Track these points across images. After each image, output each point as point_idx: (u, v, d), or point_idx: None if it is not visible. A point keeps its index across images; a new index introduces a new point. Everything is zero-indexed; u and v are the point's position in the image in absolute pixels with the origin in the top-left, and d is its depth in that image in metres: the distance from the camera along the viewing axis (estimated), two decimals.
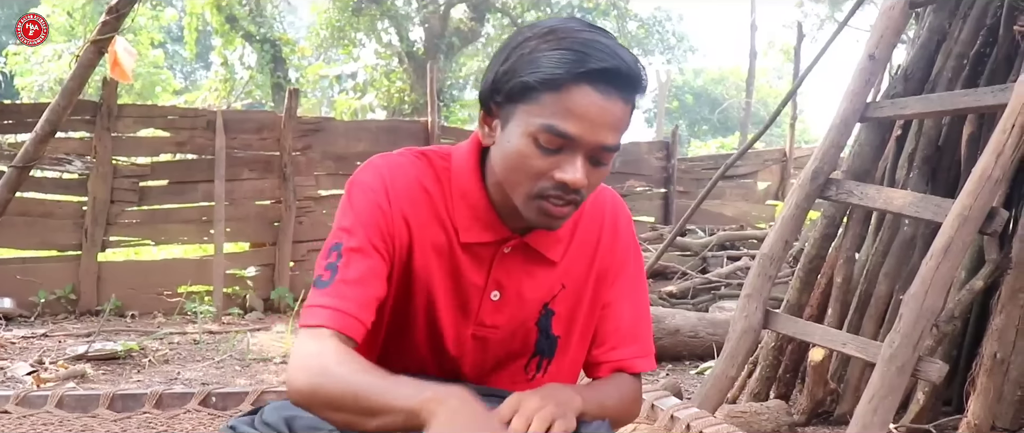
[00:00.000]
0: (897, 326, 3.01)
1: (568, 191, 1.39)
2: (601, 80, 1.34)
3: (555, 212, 1.41)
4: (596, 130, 1.35)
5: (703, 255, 8.51)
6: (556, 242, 1.57)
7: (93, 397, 2.43)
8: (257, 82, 19.17)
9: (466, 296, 1.55)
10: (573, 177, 1.37)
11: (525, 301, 1.57)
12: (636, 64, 1.38)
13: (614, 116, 1.37)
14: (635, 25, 24.41)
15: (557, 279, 1.59)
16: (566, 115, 1.34)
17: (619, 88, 1.36)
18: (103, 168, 7.32)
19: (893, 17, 3.65)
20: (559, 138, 1.35)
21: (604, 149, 1.38)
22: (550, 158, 1.37)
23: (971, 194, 2.99)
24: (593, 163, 1.40)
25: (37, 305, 7.04)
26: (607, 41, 1.38)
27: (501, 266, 1.54)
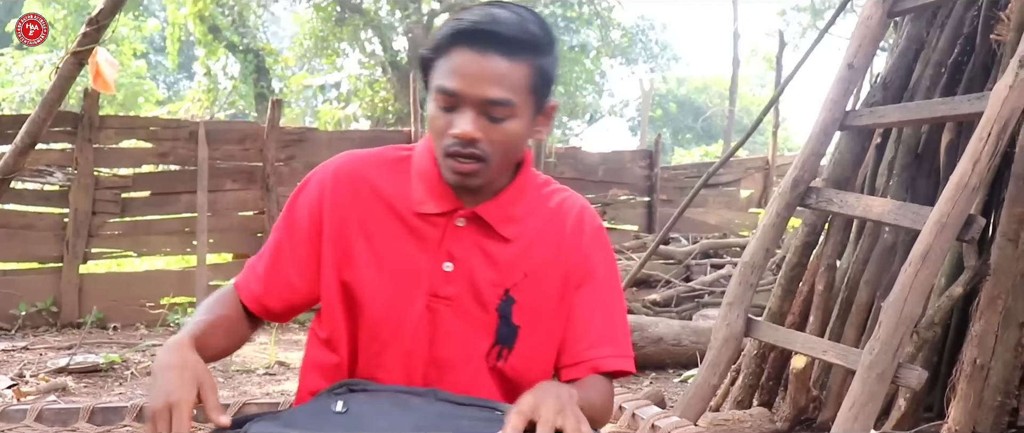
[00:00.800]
0: (877, 333, 3.02)
1: (464, 145, 1.50)
2: (477, 40, 1.48)
3: (458, 168, 1.53)
4: (476, 84, 1.48)
5: (686, 263, 8.53)
6: (509, 220, 1.64)
7: (73, 411, 2.41)
8: (240, 92, 19.13)
9: (419, 267, 1.62)
10: (461, 129, 1.49)
11: (480, 279, 1.62)
12: (521, 25, 1.51)
13: (493, 71, 1.48)
14: (618, 34, 24.46)
15: (517, 265, 1.63)
16: (450, 74, 1.49)
17: (496, 45, 1.48)
18: (85, 179, 7.29)
19: (871, 26, 3.67)
20: (447, 96, 1.50)
21: (491, 103, 1.49)
22: (447, 116, 1.51)
23: (949, 201, 3.00)
24: (490, 120, 1.51)
25: (18, 318, 7.00)
26: (496, 9, 1.52)
27: (453, 238, 1.62)
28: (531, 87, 1.52)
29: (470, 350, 1.63)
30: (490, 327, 1.63)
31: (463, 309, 1.62)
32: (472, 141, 1.50)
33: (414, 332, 1.62)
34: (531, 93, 1.53)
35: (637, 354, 5.64)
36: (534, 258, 1.64)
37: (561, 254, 1.66)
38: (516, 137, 1.55)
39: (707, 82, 37.93)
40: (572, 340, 1.67)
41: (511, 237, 1.63)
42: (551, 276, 1.65)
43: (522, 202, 1.65)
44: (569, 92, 22.84)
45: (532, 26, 1.52)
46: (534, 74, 1.52)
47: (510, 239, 1.63)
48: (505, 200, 1.64)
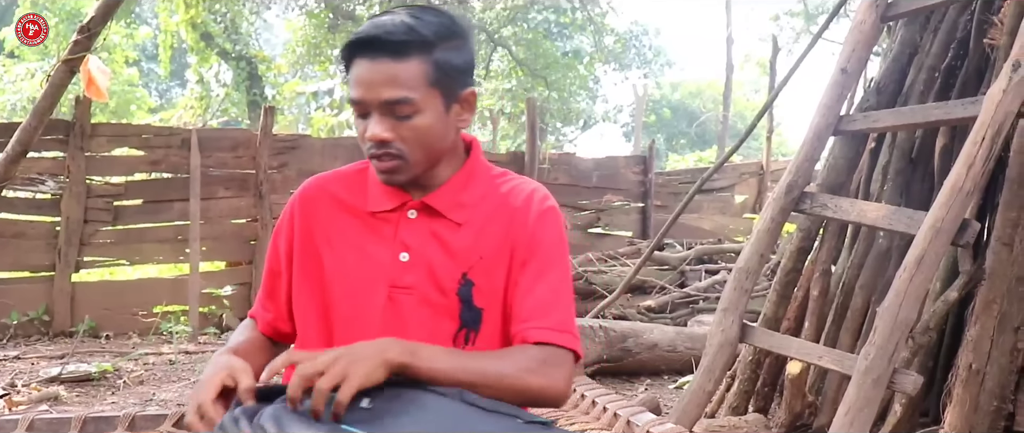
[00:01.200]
0: (872, 338, 3.01)
1: (378, 146, 1.63)
2: (367, 48, 1.60)
3: (379, 166, 1.66)
4: (371, 89, 1.60)
5: (681, 269, 8.51)
6: (458, 206, 1.73)
7: (65, 420, 2.39)
8: (233, 100, 19.10)
9: (378, 261, 1.71)
10: (371, 133, 1.62)
11: (438, 266, 1.69)
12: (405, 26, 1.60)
13: (383, 74, 1.59)
14: (612, 39, 24.47)
15: (472, 249, 1.70)
16: (353, 85, 1.62)
17: (380, 50, 1.58)
18: (76, 188, 7.27)
19: (865, 31, 3.67)
20: (356, 104, 1.63)
21: (390, 103, 1.59)
22: (363, 123, 1.64)
23: (943, 206, 3.00)
24: (397, 119, 1.61)
25: (9, 327, 6.97)
26: (385, 16, 1.64)
27: (407, 230, 1.71)
28: (430, 81, 1.61)
29: (436, 336, 1.67)
30: (453, 312, 1.69)
31: (424, 296, 1.69)
32: (383, 142, 1.62)
33: (381, 324, 1.68)
34: (432, 86, 1.62)
35: (632, 360, 5.65)
36: (487, 241, 1.71)
37: (510, 233, 1.72)
38: (427, 130, 1.64)
39: (701, 87, 37.99)
40: (514, 314, 1.70)
41: (462, 221, 1.71)
42: (503, 256, 1.72)
43: (471, 188, 1.75)
44: (563, 98, 22.84)
45: (418, 24, 1.61)
46: (430, 68, 1.61)
47: (461, 224, 1.71)
48: (453, 187, 1.73)
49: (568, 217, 10.12)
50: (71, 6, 18.63)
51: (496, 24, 21.95)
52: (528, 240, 1.72)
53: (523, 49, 22.20)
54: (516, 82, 21.91)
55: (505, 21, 22.11)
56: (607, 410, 2.38)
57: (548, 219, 1.75)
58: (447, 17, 1.67)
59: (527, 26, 23.16)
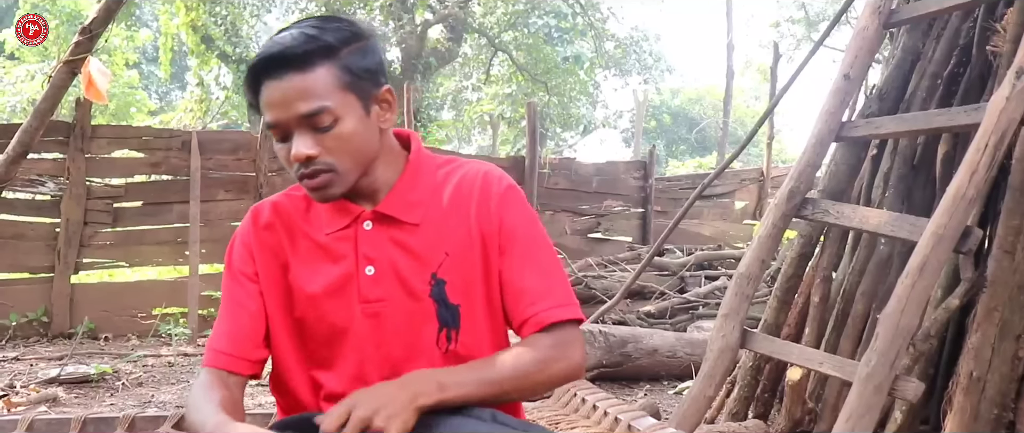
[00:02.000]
0: (873, 345, 3.00)
1: (306, 165, 1.57)
2: (268, 71, 1.55)
3: (311, 185, 1.61)
4: (286, 108, 1.55)
5: (681, 275, 8.51)
6: (410, 206, 1.69)
7: (64, 421, 2.39)
8: (233, 102, 19.11)
9: (345, 281, 1.67)
10: (296, 152, 1.56)
11: (405, 273, 1.66)
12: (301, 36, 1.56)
13: (294, 90, 1.54)
14: (612, 45, 24.48)
15: (436, 247, 1.68)
16: (265, 110, 1.58)
17: (286, 66, 1.54)
18: (76, 189, 7.28)
19: (867, 37, 3.67)
20: (274, 128, 1.59)
21: (306, 117, 1.55)
22: (286, 146, 1.59)
23: (945, 213, 2.99)
24: (318, 131, 1.56)
25: (8, 328, 6.97)
26: (279, 35, 1.59)
27: (366, 242, 1.68)
28: (342, 86, 1.57)
29: (418, 342, 1.67)
30: (430, 315, 1.68)
31: (399, 306, 1.67)
32: (309, 158, 1.57)
33: (360, 341, 1.67)
34: (346, 91, 1.58)
35: (632, 365, 5.65)
36: (451, 235, 1.69)
37: (475, 223, 1.70)
38: (351, 136, 1.59)
39: (701, 93, 38.05)
40: (513, 302, 1.69)
41: (419, 221, 1.69)
42: (471, 248, 1.69)
43: (420, 186, 1.71)
44: (563, 103, 22.86)
45: (318, 33, 1.57)
46: (339, 73, 1.57)
47: (419, 223, 1.68)
48: (401, 189, 1.70)
49: (568, 222, 10.13)
50: (71, 8, 18.65)
51: (497, 29, 21.97)
52: (500, 226, 1.71)
53: (523, 54, 22.23)
54: (516, 87, 21.94)
55: (506, 26, 22.14)
56: (608, 414, 2.38)
57: (512, 199, 1.74)
58: (346, 22, 1.64)
59: (528, 31, 23.18)
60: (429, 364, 1.65)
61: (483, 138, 28.58)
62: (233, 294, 1.74)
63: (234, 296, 1.74)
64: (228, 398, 1.61)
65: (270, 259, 1.73)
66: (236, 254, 1.77)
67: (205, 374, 1.68)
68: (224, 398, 1.60)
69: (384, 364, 1.67)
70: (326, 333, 1.69)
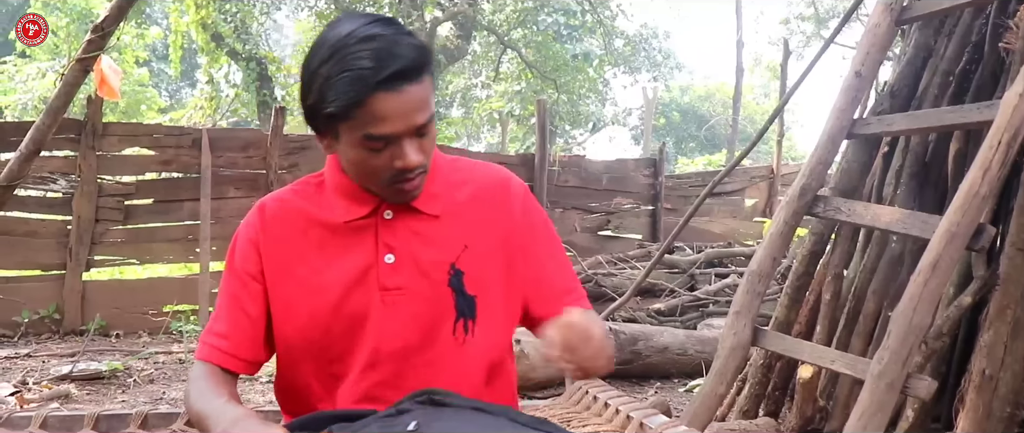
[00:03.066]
0: (886, 343, 2.99)
1: (411, 171, 1.60)
2: (392, 82, 1.51)
3: (409, 188, 1.64)
4: (406, 120, 1.55)
5: (691, 272, 8.51)
6: (431, 198, 1.73)
7: (77, 417, 2.40)
8: (243, 100, 19.12)
9: (364, 268, 1.69)
10: (406, 162, 1.58)
11: (424, 262, 1.70)
12: (416, 51, 1.55)
13: (415, 101, 1.55)
14: (621, 42, 24.46)
15: (455, 239, 1.72)
16: (376, 122, 1.54)
17: (409, 78, 1.53)
18: (88, 187, 7.29)
19: (879, 34, 3.66)
20: (380, 140, 1.56)
21: (421, 126, 1.58)
22: (382, 155, 1.58)
23: (958, 210, 2.98)
24: (421, 137, 1.60)
25: (20, 325, 6.99)
26: (384, 43, 1.53)
27: (387, 231, 1.70)
28: (432, 90, 1.62)
29: (435, 331, 1.70)
30: (448, 304, 1.71)
31: (417, 293, 1.69)
32: (420, 165, 1.61)
33: (377, 329, 1.68)
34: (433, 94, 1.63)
35: (642, 363, 5.64)
36: (470, 229, 1.74)
37: (497, 221, 1.76)
38: (434, 137, 1.66)
39: (710, 91, 37.96)
40: (538, 296, 1.78)
41: (439, 213, 1.73)
42: (491, 243, 1.75)
43: (437, 180, 1.74)
44: (572, 101, 22.84)
45: (414, 40, 1.58)
46: (430, 80, 1.60)
47: (439, 215, 1.73)
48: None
49: (578, 220, 10.13)
50: (82, 6, 18.68)
51: (506, 26, 21.97)
52: (523, 226, 1.79)
53: (533, 52, 22.22)
54: (525, 84, 21.93)
55: (515, 24, 22.14)
56: (619, 412, 2.38)
57: (533, 201, 1.85)
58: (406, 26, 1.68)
59: (537, 29, 23.17)
60: (444, 353, 1.70)
61: (492, 136, 28.59)
62: (234, 293, 1.74)
63: (235, 296, 1.74)
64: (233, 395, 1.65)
65: (280, 252, 1.73)
66: (239, 252, 1.76)
67: (203, 367, 1.70)
68: (233, 394, 1.64)
69: (400, 353, 1.69)
70: (343, 321, 1.69)
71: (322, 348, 1.71)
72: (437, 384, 1.65)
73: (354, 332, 1.69)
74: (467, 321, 1.71)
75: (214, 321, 1.75)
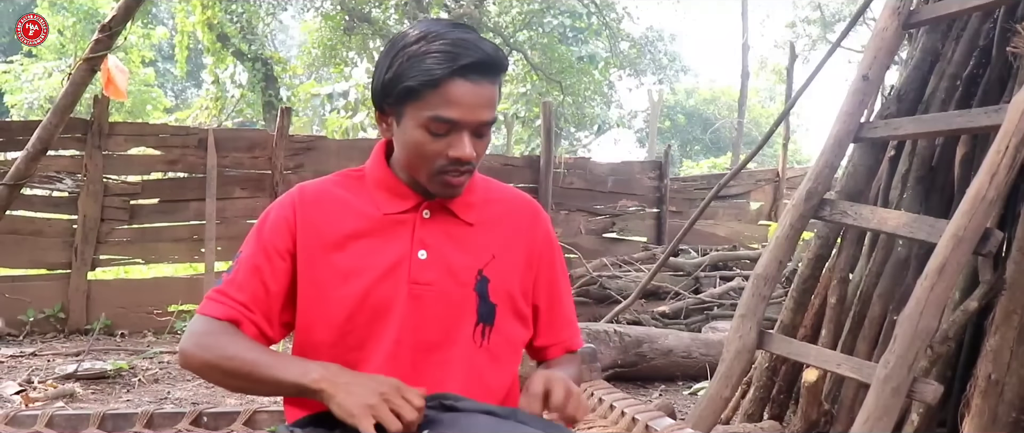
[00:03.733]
0: (892, 347, 2.99)
1: (462, 164, 1.68)
2: (471, 71, 1.62)
3: (454, 182, 1.71)
4: (474, 112, 1.64)
5: (696, 275, 8.50)
6: (468, 206, 1.81)
7: (83, 416, 2.40)
8: (248, 100, 19.14)
9: (397, 261, 1.74)
10: (463, 153, 1.66)
11: (454, 263, 1.77)
12: (497, 52, 1.66)
13: (486, 97, 1.65)
14: (627, 45, 24.45)
15: (485, 247, 1.80)
16: (447, 105, 1.62)
17: (486, 74, 1.64)
18: (94, 186, 7.31)
19: (887, 38, 3.66)
20: (446, 124, 1.64)
21: (485, 125, 1.67)
22: (441, 141, 1.66)
23: (966, 215, 2.98)
24: (476, 136, 1.68)
25: (26, 324, 7.00)
26: (470, 36, 1.65)
27: (423, 229, 1.77)
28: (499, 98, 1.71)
29: (455, 330, 1.76)
30: (471, 307, 1.77)
31: (443, 292, 1.75)
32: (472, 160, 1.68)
33: (401, 322, 1.73)
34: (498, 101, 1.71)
35: (647, 366, 5.64)
36: (498, 241, 1.82)
37: (523, 241, 1.86)
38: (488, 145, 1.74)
39: (716, 94, 37.95)
40: (546, 325, 1.93)
41: (473, 221, 1.81)
42: (515, 259, 1.84)
43: (474, 192, 1.82)
44: (577, 103, 22.82)
45: (500, 51, 1.68)
46: (500, 87, 1.71)
47: (473, 223, 1.81)
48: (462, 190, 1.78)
49: (583, 222, 10.12)
50: (88, 6, 18.72)
51: (512, 28, 21.96)
52: (546, 250, 1.91)
53: (538, 54, 22.20)
54: (531, 86, 21.90)
55: (521, 26, 22.12)
56: (625, 415, 2.38)
57: (552, 232, 1.96)
58: None
59: (542, 31, 23.14)
60: (462, 353, 1.76)
61: (497, 137, 28.57)
62: (257, 265, 1.75)
63: (257, 267, 1.75)
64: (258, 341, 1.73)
65: (315, 236, 1.76)
66: (270, 227, 1.78)
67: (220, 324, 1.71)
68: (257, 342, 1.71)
69: (419, 347, 1.74)
70: (368, 310, 1.73)
71: (343, 333, 1.74)
72: (450, 383, 1.71)
73: (378, 321, 1.73)
74: (486, 327, 1.78)
75: (229, 284, 1.75)
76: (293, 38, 31.77)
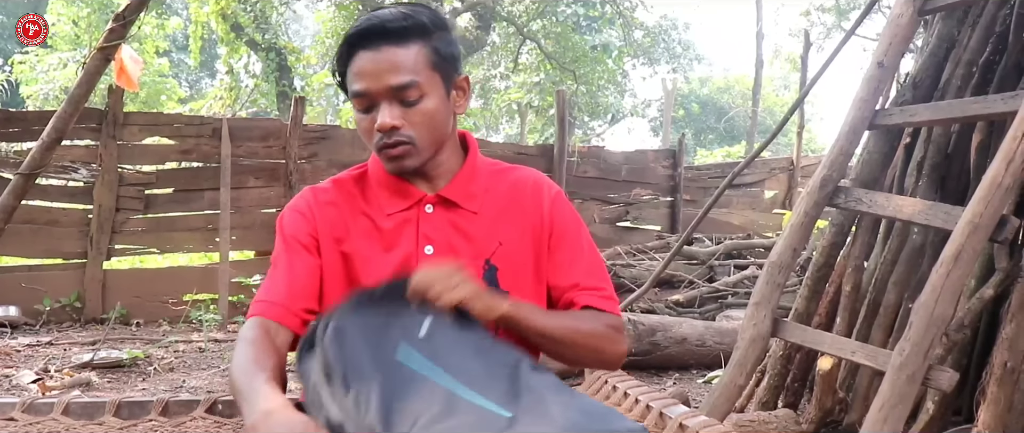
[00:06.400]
0: (907, 334, 2.98)
1: (389, 135, 1.67)
2: (367, 39, 1.64)
3: (391, 154, 1.69)
4: (379, 78, 1.64)
5: (710, 264, 8.49)
6: (471, 195, 1.80)
7: (99, 404, 2.42)
8: (262, 90, 19.16)
9: (405, 259, 1.75)
10: (381, 121, 1.65)
11: (462, 255, 1.75)
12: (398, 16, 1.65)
13: (390, 61, 1.64)
14: (641, 34, 24.38)
15: (491, 236, 1.79)
16: (354, 79, 1.66)
17: (385, 38, 1.64)
18: (109, 176, 7.34)
19: (902, 25, 3.63)
20: (359, 98, 1.67)
21: (397, 89, 1.65)
22: (368, 116, 1.68)
23: (982, 201, 2.96)
24: (405, 105, 1.66)
25: (42, 313, 7.04)
26: (379, 11, 1.67)
27: (427, 224, 1.77)
28: (431, 65, 1.68)
29: None
30: None
31: None
32: (394, 129, 1.66)
33: None
34: (433, 70, 1.68)
35: (661, 354, 5.62)
36: (505, 227, 1.80)
37: (529, 220, 1.82)
38: (434, 113, 1.70)
39: (730, 82, 37.80)
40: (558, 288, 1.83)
41: (477, 210, 1.80)
42: (523, 242, 1.81)
43: (478, 179, 1.82)
44: (591, 92, 22.78)
45: (413, 12, 1.68)
46: (430, 53, 1.67)
47: (477, 212, 1.80)
48: (463, 179, 1.80)
49: (597, 210, 10.12)
50: None
51: (525, 17, 21.92)
52: (552, 226, 1.83)
53: (552, 43, 22.16)
54: (544, 76, 21.88)
55: (534, 15, 22.08)
56: (639, 402, 2.38)
57: (562, 202, 1.88)
58: (434, 10, 1.74)
59: (556, 19, 23.09)
60: None
61: (511, 127, 28.56)
62: (285, 258, 1.77)
63: (287, 260, 1.76)
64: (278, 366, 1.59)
65: (330, 231, 1.78)
66: (288, 223, 1.80)
67: (254, 327, 1.67)
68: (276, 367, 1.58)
69: None
70: None
71: None
72: None
73: None
74: None
75: (267, 283, 1.77)
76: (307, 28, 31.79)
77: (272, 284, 1.75)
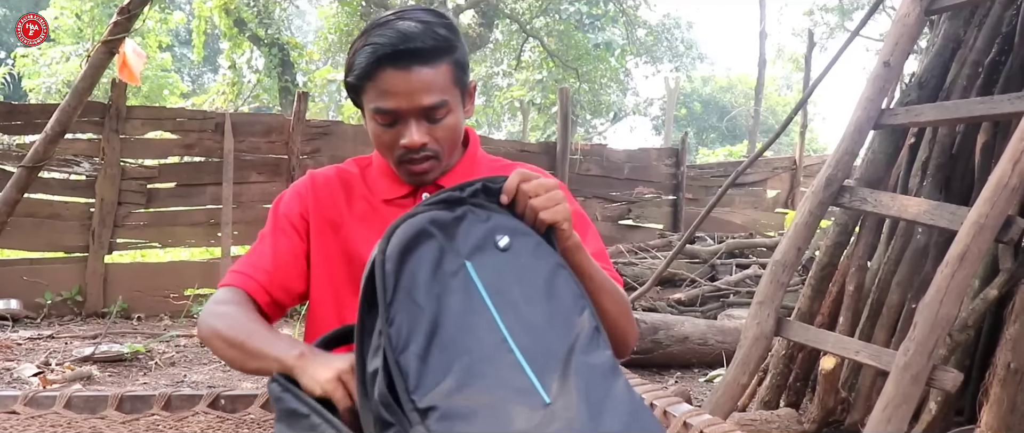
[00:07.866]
0: (911, 334, 2.97)
1: (415, 151, 1.67)
2: (398, 60, 1.60)
3: (416, 170, 1.71)
4: (410, 99, 1.62)
5: (712, 263, 8.48)
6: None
7: (101, 398, 2.41)
8: (265, 86, 19.15)
9: None
10: (410, 140, 1.65)
11: None
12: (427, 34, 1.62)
13: (421, 82, 1.61)
14: (644, 32, 24.36)
15: None
16: (383, 96, 1.63)
17: (416, 59, 1.61)
18: (111, 170, 7.33)
19: (908, 25, 3.62)
20: (387, 115, 1.65)
21: (429, 109, 1.64)
22: (392, 130, 1.67)
23: (988, 201, 2.96)
24: (431, 121, 1.66)
25: (44, 306, 7.04)
26: (404, 25, 1.62)
27: None
28: (454, 81, 1.67)
29: None
30: None
31: None
32: (422, 146, 1.66)
33: None
34: (456, 85, 1.68)
35: (662, 353, 5.62)
36: None
37: None
38: (457, 126, 1.71)
39: (732, 82, 37.79)
40: None
41: None
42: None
43: (477, 171, 1.80)
44: (593, 90, 22.79)
45: (439, 28, 1.64)
46: (454, 69, 1.66)
47: None
48: (461, 171, 1.79)
49: (599, 209, 10.11)
50: None
51: (528, 15, 21.92)
52: None
53: (554, 40, 22.17)
54: (547, 73, 21.89)
55: (537, 12, 22.08)
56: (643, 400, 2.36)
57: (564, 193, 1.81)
58: (449, 18, 1.72)
59: (559, 17, 23.10)
60: None
61: (513, 124, 28.56)
62: (273, 239, 1.80)
63: (273, 241, 1.80)
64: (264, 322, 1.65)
65: (326, 215, 1.81)
66: (284, 205, 1.84)
67: (233, 293, 1.72)
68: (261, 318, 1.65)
69: None
70: None
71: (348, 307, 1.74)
72: None
73: None
74: None
75: (247, 257, 1.80)
76: (309, 24, 31.81)
77: (254, 258, 1.78)
